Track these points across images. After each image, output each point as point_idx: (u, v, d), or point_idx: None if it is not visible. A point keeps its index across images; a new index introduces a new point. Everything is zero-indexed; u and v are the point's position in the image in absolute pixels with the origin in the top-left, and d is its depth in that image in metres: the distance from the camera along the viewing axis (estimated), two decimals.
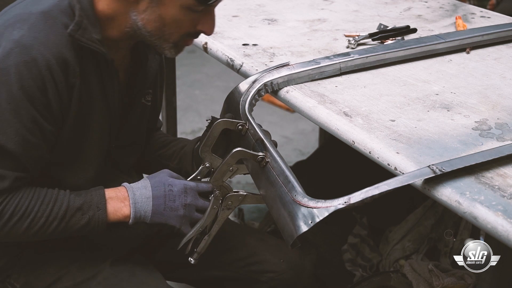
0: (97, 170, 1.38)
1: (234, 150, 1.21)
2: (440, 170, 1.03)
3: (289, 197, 1.09)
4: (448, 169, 1.03)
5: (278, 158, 1.17)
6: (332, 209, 1.02)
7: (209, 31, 1.33)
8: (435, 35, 1.64)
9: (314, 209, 1.04)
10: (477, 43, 1.65)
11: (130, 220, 1.30)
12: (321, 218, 1.02)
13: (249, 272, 1.57)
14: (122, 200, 1.30)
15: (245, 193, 1.30)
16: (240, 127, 1.28)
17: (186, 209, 1.31)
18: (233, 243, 1.58)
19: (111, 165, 1.45)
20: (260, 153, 1.20)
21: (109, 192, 1.31)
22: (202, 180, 1.37)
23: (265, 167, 1.19)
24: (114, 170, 1.46)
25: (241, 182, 3.17)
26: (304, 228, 1.04)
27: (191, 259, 1.35)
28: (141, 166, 1.61)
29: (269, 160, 1.19)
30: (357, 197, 1.01)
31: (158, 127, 1.66)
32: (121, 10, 1.27)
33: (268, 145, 1.21)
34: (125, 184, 1.33)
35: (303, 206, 1.05)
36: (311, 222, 1.03)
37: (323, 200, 1.04)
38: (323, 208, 1.03)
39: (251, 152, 1.21)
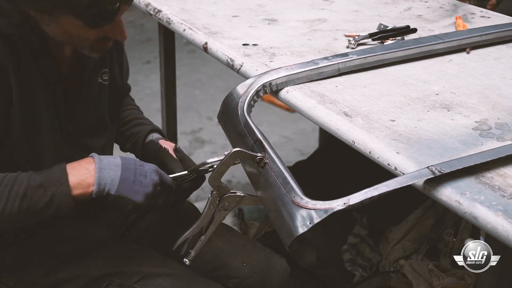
0: (56, 155, 1.33)
1: (233, 150, 1.20)
2: (439, 171, 1.03)
3: (288, 198, 1.09)
4: (447, 170, 1.03)
5: (276, 159, 1.17)
6: (331, 211, 1.01)
7: (120, 39, 1.27)
8: (435, 35, 1.63)
9: (312, 210, 1.03)
10: (477, 43, 1.64)
11: (94, 188, 1.20)
12: (319, 219, 1.02)
13: (215, 277, 1.49)
14: (87, 167, 1.21)
15: (242, 194, 1.29)
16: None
17: (155, 189, 1.25)
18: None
19: (76, 150, 1.38)
20: (259, 154, 1.19)
21: (72, 164, 1.23)
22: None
23: (264, 168, 1.18)
24: (83, 154, 1.36)
25: (241, 182, 3.17)
26: (302, 229, 1.03)
27: (186, 259, 1.35)
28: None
29: (267, 161, 1.18)
30: (356, 198, 1.01)
31: (126, 93, 1.63)
32: (34, 18, 1.22)
33: (266, 146, 1.21)
34: (93, 154, 1.26)
35: (302, 207, 1.05)
36: (310, 224, 1.03)
37: (322, 202, 1.04)
38: (322, 210, 1.02)
39: (250, 152, 1.20)
